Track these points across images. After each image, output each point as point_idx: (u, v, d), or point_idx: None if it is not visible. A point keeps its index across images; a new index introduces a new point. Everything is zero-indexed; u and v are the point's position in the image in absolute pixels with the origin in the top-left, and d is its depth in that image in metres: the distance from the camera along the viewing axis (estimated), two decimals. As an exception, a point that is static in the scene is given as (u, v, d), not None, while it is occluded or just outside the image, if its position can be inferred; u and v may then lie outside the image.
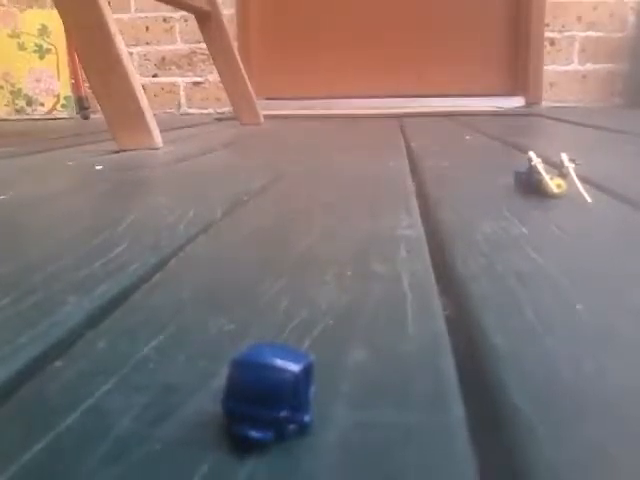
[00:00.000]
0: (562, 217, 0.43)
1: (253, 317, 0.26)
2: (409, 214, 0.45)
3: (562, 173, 0.50)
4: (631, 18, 2.51)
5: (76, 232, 0.43)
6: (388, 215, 0.45)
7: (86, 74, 1.02)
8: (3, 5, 2.65)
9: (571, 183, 0.48)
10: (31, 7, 2.60)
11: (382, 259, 0.34)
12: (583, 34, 2.58)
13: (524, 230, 0.40)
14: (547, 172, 0.51)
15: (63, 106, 2.58)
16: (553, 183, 0.49)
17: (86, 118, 2.51)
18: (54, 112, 2.57)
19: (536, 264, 0.32)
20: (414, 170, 0.69)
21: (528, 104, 2.63)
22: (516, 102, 2.65)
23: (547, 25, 2.58)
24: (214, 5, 1.61)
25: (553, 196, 0.49)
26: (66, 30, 1.43)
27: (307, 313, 0.26)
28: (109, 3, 1.03)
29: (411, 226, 0.41)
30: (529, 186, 0.51)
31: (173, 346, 0.23)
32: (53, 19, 2.45)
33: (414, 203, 0.50)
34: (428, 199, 0.51)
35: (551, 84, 2.63)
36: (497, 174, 0.61)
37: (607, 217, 0.43)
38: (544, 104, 2.63)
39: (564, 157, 0.50)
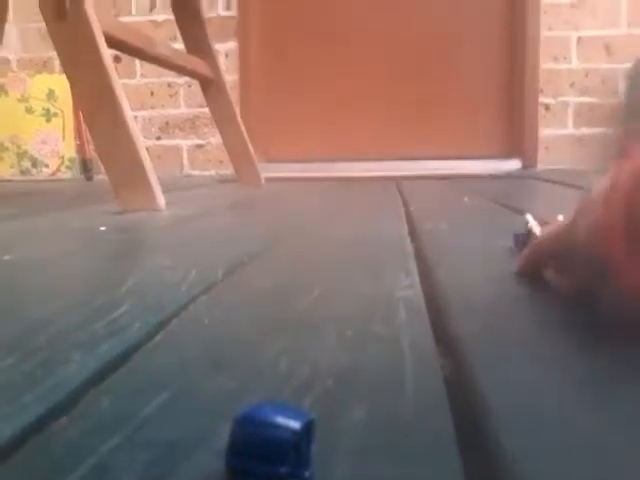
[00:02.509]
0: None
1: (254, 376, 0.26)
2: (408, 276, 0.46)
3: None
4: (622, 84, 2.59)
5: (79, 293, 0.43)
6: (387, 277, 0.46)
7: (91, 136, 1.05)
8: (13, 71, 2.73)
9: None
10: (40, 73, 2.68)
11: (381, 320, 0.34)
12: (577, 100, 2.65)
13: (523, 292, 0.40)
14: None
15: (67, 167, 2.62)
16: None
17: (90, 179, 2.55)
18: (58, 173, 2.62)
19: (535, 327, 0.33)
20: (413, 232, 0.70)
21: (525, 167, 2.68)
22: (513, 165, 2.69)
23: (541, 91, 2.65)
24: (217, 72, 1.66)
25: None
26: (73, 94, 1.48)
27: (307, 373, 0.26)
28: (116, 69, 1.07)
29: (410, 287, 0.42)
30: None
31: (176, 404, 0.23)
32: (61, 84, 2.52)
33: (413, 265, 0.50)
34: (427, 261, 0.52)
35: (547, 148, 2.68)
36: (495, 236, 0.62)
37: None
38: (540, 167, 2.67)
39: (560, 219, 0.52)
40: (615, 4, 2.58)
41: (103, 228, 0.80)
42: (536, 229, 0.52)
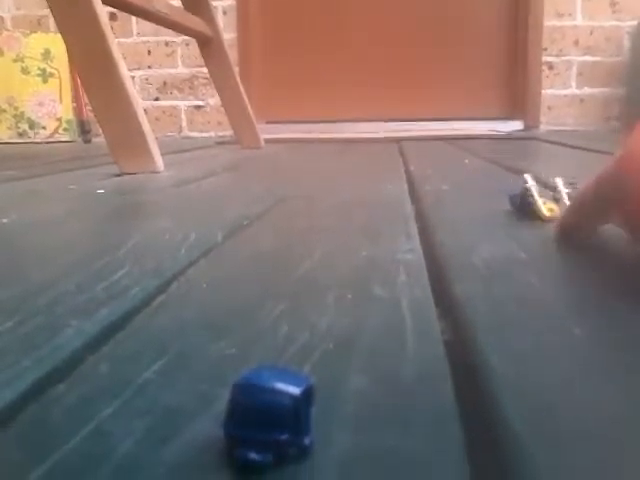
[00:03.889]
0: (556, 241, 0.44)
1: (254, 341, 0.26)
2: (408, 238, 0.46)
3: (555, 197, 0.50)
4: (626, 42, 2.54)
5: (77, 256, 0.43)
6: (387, 239, 0.45)
7: (88, 98, 1.03)
8: (7, 30, 2.68)
9: (563, 207, 0.48)
10: (35, 32, 2.63)
11: (382, 283, 0.34)
12: (580, 59, 2.61)
13: (522, 254, 0.40)
14: (541, 195, 0.51)
15: (65, 130, 2.60)
16: (545, 207, 0.50)
17: (88, 142, 2.53)
18: (56, 135, 2.59)
19: (534, 288, 0.33)
20: (413, 194, 0.69)
21: (526, 127, 2.65)
22: (515, 126, 2.67)
23: (545, 49, 2.61)
24: (215, 30, 1.63)
25: (545, 220, 0.49)
26: (69, 55, 1.46)
27: (307, 337, 0.26)
28: (112, 28, 1.04)
29: (410, 250, 0.42)
30: (522, 209, 0.52)
31: (175, 370, 0.23)
32: (57, 43, 2.48)
33: (413, 227, 0.50)
34: (427, 223, 0.52)
35: (549, 107, 2.65)
36: (495, 198, 0.62)
37: (600, 240, 0.43)
38: (542, 127, 2.65)
39: (559, 182, 0.51)
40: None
41: (101, 191, 0.80)
42: (533, 190, 0.51)
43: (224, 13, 2.65)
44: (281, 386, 0.17)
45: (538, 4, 2.57)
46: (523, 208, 0.52)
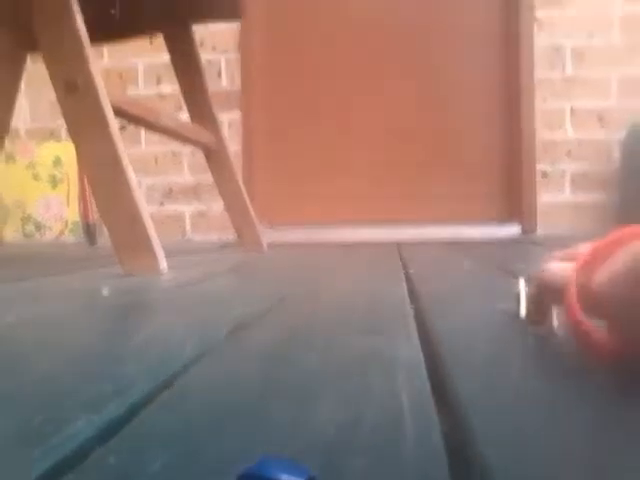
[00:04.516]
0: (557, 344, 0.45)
1: (257, 435, 0.27)
2: (408, 335, 0.47)
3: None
4: (616, 152, 2.64)
5: (84, 353, 0.44)
6: (387, 336, 0.46)
7: (96, 201, 1.07)
8: (22, 139, 2.80)
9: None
10: (47, 140, 2.75)
11: (382, 379, 0.35)
12: (573, 167, 2.70)
13: (520, 353, 0.41)
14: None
15: (71, 231, 2.65)
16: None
17: (93, 244, 2.57)
18: (61, 237, 2.64)
19: (531, 383, 0.33)
20: (413, 295, 0.71)
21: (524, 232, 2.70)
22: (513, 230, 2.73)
23: (538, 159, 2.71)
24: (221, 141, 1.71)
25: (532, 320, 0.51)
26: (79, 161, 1.53)
27: (309, 430, 0.27)
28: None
29: (410, 346, 0.43)
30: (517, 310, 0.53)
31: (181, 463, 0.24)
32: (67, 151, 2.58)
33: (413, 325, 0.51)
34: (426, 322, 0.53)
35: (545, 213, 2.72)
36: (494, 299, 0.63)
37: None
38: (540, 232, 2.70)
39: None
40: (605, 77, 2.67)
41: (106, 291, 0.81)
42: (522, 291, 0.53)
43: (229, 126, 2.78)
44: (284, 477, 0.18)
45: (530, 118, 2.70)
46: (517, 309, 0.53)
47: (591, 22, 2.66)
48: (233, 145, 2.59)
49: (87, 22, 1.05)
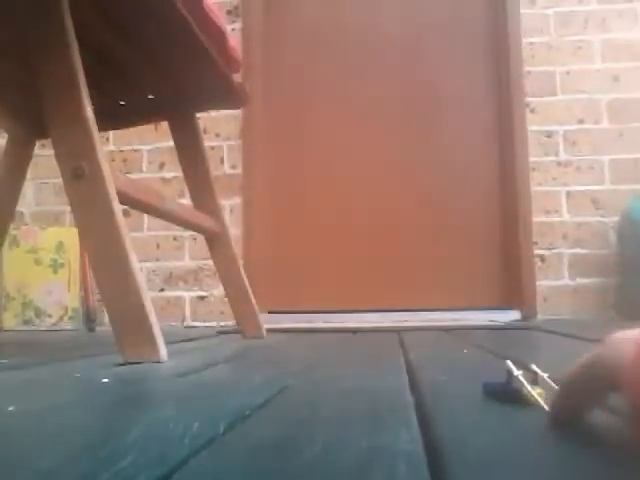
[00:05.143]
0: (550, 426, 0.45)
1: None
2: (408, 428, 0.46)
3: (534, 381, 0.53)
4: (612, 237, 2.68)
5: (82, 444, 0.44)
6: (387, 429, 0.46)
7: (98, 287, 1.07)
8: (26, 224, 2.84)
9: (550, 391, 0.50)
10: (51, 225, 2.79)
11: (382, 473, 0.35)
12: (570, 251, 2.73)
13: (518, 442, 0.41)
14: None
15: (70, 318, 2.65)
16: (535, 392, 0.52)
17: (92, 330, 2.56)
18: (61, 323, 2.63)
19: (532, 474, 0.33)
20: (413, 384, 0.70)
21: (524, 317, 2.70)
22: (512, 315, 2.72)
23: (535, 243, 2.74)
24: (222, 226, 1.73)
25: (533, 404, 0.51)
26: (82, 245, 1.55)
27: (308, 528, 0.27)
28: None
29: (410, 440, 0.42)
30: (507, 395, 0.54)
31: None
32: (70, 236, 2.62)
33: (413, 417, 0.51)
34: (427, 413, 0.53)
35: (545, 298, 2.72)
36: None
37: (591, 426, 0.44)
38: (540, 317, 2.69)
39: (535, 367, 0.54)
40: (598, 162, 2.74)
41: (105, 380, 0.81)
42: (520, 375, 0.54)
43: (231, 211, 2.83)
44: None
45: (526, 202, 2.75)
46: (507, 394, 0.54)
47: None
48: (234, 229, 2.63)
49: (95, 111, 1.10)
